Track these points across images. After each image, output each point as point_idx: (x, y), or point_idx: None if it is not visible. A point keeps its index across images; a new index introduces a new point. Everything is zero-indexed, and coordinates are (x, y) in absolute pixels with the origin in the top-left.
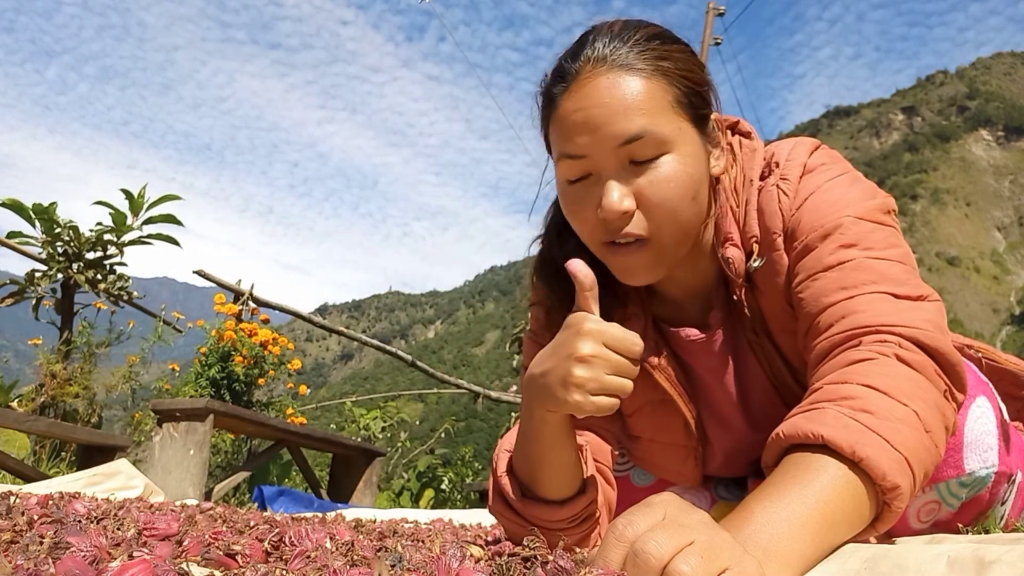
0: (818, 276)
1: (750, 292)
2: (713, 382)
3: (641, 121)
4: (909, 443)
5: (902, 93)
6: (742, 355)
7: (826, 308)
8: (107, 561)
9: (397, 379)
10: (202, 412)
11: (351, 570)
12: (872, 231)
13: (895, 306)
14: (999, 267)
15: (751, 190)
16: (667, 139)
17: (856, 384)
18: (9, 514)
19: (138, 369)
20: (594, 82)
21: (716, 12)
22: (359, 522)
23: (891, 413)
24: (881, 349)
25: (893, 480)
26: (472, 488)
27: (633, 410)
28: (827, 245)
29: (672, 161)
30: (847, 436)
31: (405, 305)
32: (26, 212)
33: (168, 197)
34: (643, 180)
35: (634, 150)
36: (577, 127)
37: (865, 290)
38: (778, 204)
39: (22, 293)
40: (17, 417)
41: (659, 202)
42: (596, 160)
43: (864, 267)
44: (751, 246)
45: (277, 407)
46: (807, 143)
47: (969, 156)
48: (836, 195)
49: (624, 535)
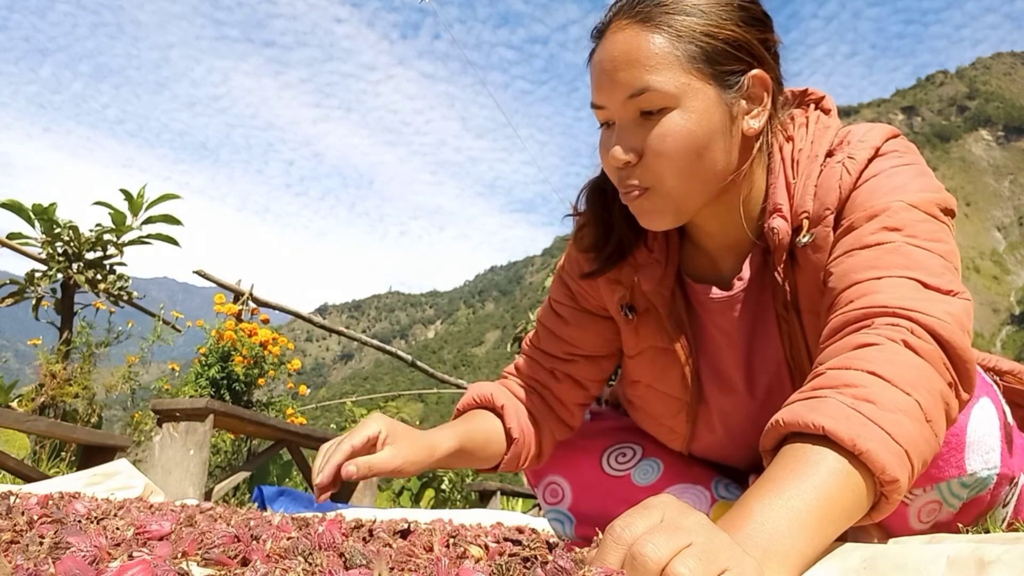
0: (853, 253)
1: (789, 267)
2: (724, 343)
3: (645, 76)
4: (910, 435)
5: (902, 93)
6: (764, 326)
7: (852, 285)
8: (107, 561)
9: (397, 379)
10: (202, 412)
11: (350, 571)
12: (921, 220)
13: (920, 293)
14: (999, 267)
15: (814, 165)
16: (672, 94)
17: (859, 371)
18: (9, 514)
19: (138, 369)
20: (614, 36)
21: None
22: (359, 522)
23: (893, 403)
24: (890, 333)
25: (892, 474)
26: (472, 488)
27: (636, 352)
28: (871, 225)
29: (676, 116)
30: (848, 428)
31: (405, 305)
32: (26, 212)
33: (167, 196)
34: (649, 133)
35: (640, 102)
36: (598, 78)
37: (894, 273)
38: (839, 180)
39: (22, 293)
40: (17, 417)
41: (657, 155)
42: (612, 110)
43: (901, 252)
44: (800, 221)
45: (277, 407)
46: (884, 129)
47: (969, 156)
48: (897, 182)
49: (622, 537)
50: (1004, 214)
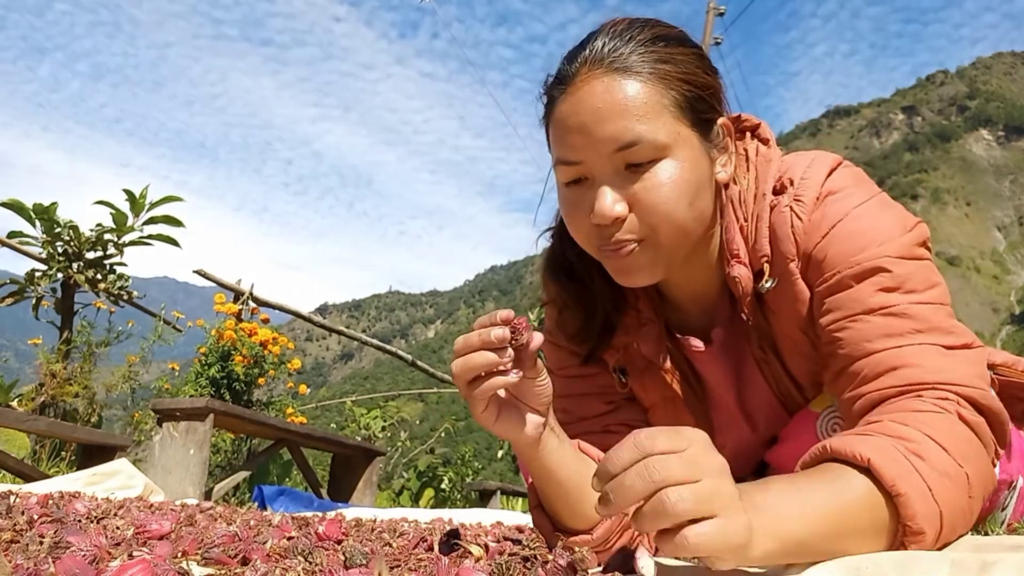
0: (859, 318)
1: (758, 310)
2: (719, 389)
3: (636, 127)
4: (951, 499)
5: (902, 93)
6: (746, 369)
7: (870, 354)
8: (107, 560)
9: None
10: (202, 412)
11: (350, 570)
12: (914, 271)
13: (949, 360)
14: (999, 267)
15: (763, 204)
16: (664, 144)
17: (917, 430)
18: (9, 514)
19: (138, 369)
20: (589, 85)
21: (716, 12)
22: (359, 521)
23: (943, 467)
24: (944, 405)
25: (919, 525)
26: (472, 487)
27: (649, 404)
28: (866, 286)
29: (669, 165)
30: (892, 468)
31: (405, 305)
32: (26, 212)
33: (170, 198)
34: (638, 185)
35: (629, 155)
36: (571, 132)
37: (914, 340)
38: (791, 228)
39: (22, 293)
40: (17, 417)
41: (654, 205)
42: (591, 165)
43: (909, 313)
44: (760, 264)
45: (277, 407)
46: (826, 161)
47: (969, 156)
48: (866, 224)
49: (642, 444)
50: (1004, 214)
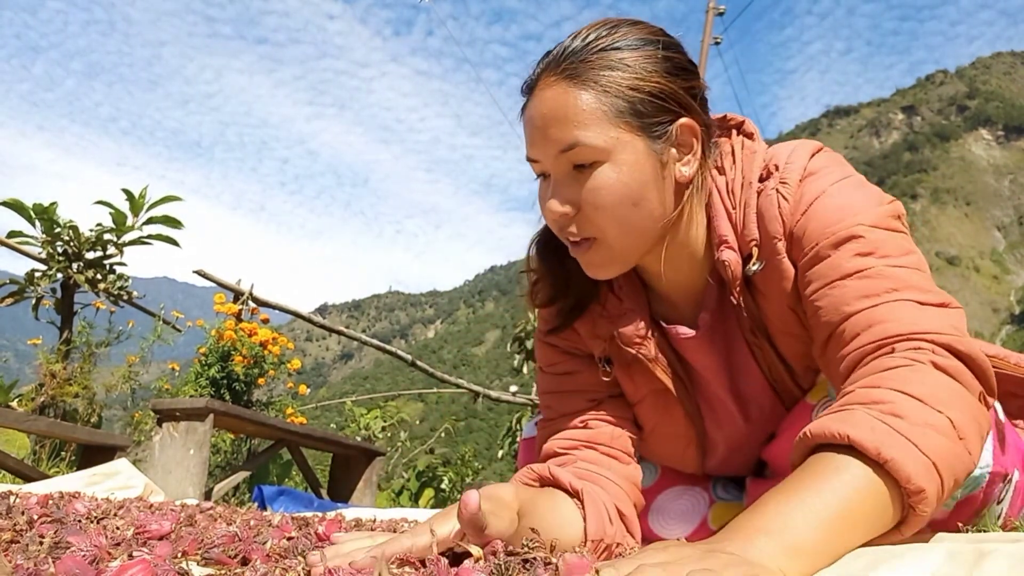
0: (836, 284)
1: (748, 294)
2: (709, 378)
3: (574, 132)
4: (939, 449)
5: (902, 92)
6: (738, 356)
7: (848, 316)
8: (107, 561)
9: (397, 379)
10: (202, 412)
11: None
12: (887, 238)
13: (923, 313)
14: (999, 267)
15: (750, 192)
16: (601, 149)
17: (889, 389)
18: (9, 514)
19: (138, 369)
20: (543, 92)
21: (716, 12)
22: (359, 522)
23: (922, 418)
24: (916, 356)
25: (918, 484)
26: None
27: (638, 399)
28: (842, 253)
29: (607, 170)
30: (873, 437)
31: (405, 305)
32: (26, 212)
33: (170, 198)
34: (583, 188)
35: (573, 156)
36: (531, 133)
37: (889, 298)
38: (778, 209)
39: (22, 293)
40: (17, 417)
41: (595, 208)
42: (545, 164)
43: (884, 275)
44: (749, 249)
45: (277, 407)
46: (808, 146)
47: (969, 156)
48: (843, 200)
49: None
50: (1004, 214)
